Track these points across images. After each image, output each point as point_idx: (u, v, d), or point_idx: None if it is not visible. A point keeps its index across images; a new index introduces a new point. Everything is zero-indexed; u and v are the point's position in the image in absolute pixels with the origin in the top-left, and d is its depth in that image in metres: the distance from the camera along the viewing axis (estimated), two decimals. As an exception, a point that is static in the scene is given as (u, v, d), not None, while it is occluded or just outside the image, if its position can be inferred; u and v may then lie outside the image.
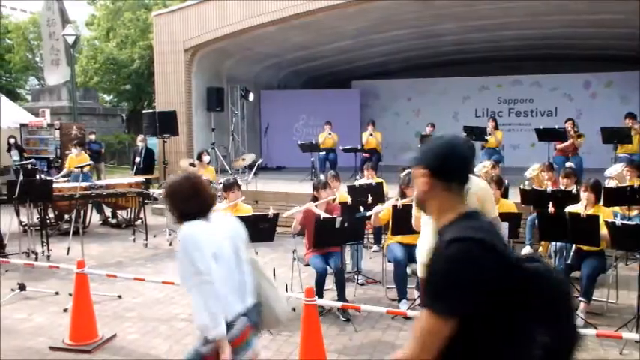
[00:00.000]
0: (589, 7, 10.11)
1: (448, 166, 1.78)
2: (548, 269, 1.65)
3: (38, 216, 8.25)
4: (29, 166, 9.81)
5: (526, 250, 7.47)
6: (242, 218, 5.23)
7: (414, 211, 3.90)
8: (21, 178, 6.93)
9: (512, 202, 6.57)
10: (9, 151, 12.67)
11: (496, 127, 10.78)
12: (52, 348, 4.55)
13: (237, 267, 2.72)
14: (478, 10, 10.75)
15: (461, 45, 13.98)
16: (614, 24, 10.89)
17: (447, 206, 1.78)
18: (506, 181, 6.98)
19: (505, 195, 6.88)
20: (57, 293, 5.94)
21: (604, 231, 4.82)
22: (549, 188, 6.75)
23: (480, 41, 13.64)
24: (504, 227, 4.60)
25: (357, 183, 7.96)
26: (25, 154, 12.66)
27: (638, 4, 8.90)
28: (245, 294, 2.71)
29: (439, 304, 1.57)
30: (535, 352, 1.56)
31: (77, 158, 10.05)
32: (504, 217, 4.91)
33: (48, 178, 8.92)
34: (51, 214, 9.30)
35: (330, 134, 12.01)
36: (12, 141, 12.76)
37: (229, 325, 2.54)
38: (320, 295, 5.07)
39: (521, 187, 7.23)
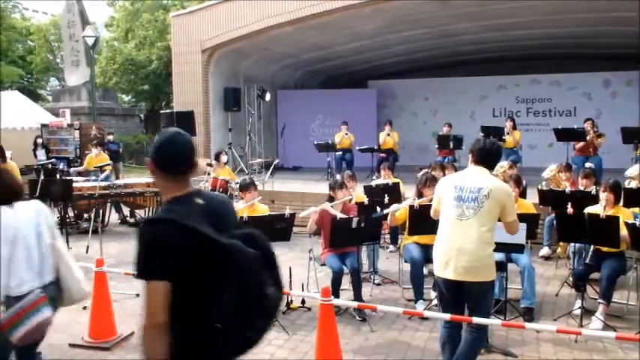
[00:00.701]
0: (610, 6, 9.97)
1: (165, 159, 2.08)
2: (240, 246, 1.95)
3: (58, 215, 8.36)
4: (50, 166, 9.96)
5: (544, 251, 7.40)
6: (259, 218, 5.30)
7: (434, 202, 3.90)
8: (42, 177, 7.04)
9: (531, 202, 6.50)
10: (35, 150, 12.92)
11: (514, 127, 10.69)
12: (71, 345, 4.61)
13: (38, 249, 3.11)
14: (495, 9, 10.67)
15: (478, 44, 13.89)
16: (633, 22, 10.72)
17: (166, 191, 2.10)
18: (524, 182, 6.91)
19: (523, 195, 6.81)
20: (76, 291, 6.02)
21: (624, 232, 4.75)
22: (568, 189, 6.67)
23: (497, 40, 13.53)
24: (522, 228, 4.56)
25: (373, 183, 7.94)
26: (51, 154, 12.91)
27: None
28: (44, 272, 3.13)
29: (142, 272, 1.94)
30: (225, 307, 1.91)
31: (97, 158, 10.16)
32: (522, 217, 4.86)
33: (68, 178, 9.06)
34: (70, 213, 9.43)
35: (346, 134, 12.00)
36: (39, 141, 13.01)
37: (24, 295, 2.98)
38: (336, 295, 5.07)
39: (539, 187, 7.16)
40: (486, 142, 3.71)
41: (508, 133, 10.50)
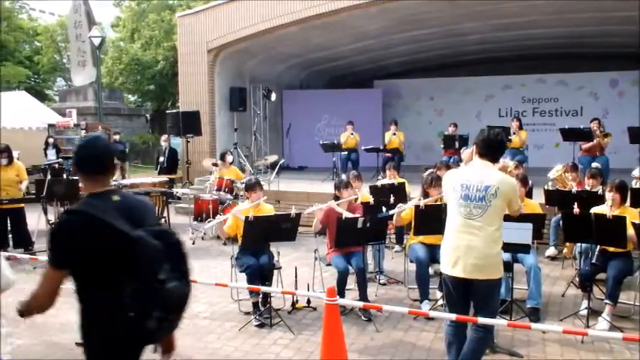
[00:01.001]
0: (616, 5, 9.91)
1: (82, 161, 2.35)
2: (144, 237, 2.15)
3: (65, 214, 8.39)
4: (57, 166, 10.01)
5: (550, 251, 7.38)
6: (264, 218, 5.31)
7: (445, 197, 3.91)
8: (48, 177, 7.07)
9: (537, 202, 6.47)
10: (46, 149, 13.02)
11: (520, 127, 10.65)
12: (78, 344, 4.62)
13: None
14: (502, 8, 10.63)
15: (484, 44, 13.85)
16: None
17: (86, 188, 2.37)
18: (530, 182, 6.90)
19: (529, 195, 6.80)
20: (83, 290, 6.05)
21: (631, 232, 4.73)
22: (574, 189, 6.64)
23: (503, 40, 13.49)
24: (528, 228, 4.55)
25: (379, 183, 7.94)
26: (61, 154, 13.03)
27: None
28: None
29: (50, 258, 2.19)
30: (126, 293, 2.11)
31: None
32: (528, 217, 4.86)
33: (74, 178, 9.09)
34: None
35: (352, 134, 11.99)
36: (50, 140, 13.10)
37: None
38: (342, 294, 5.08)
39: (546, 187, 7.14)
40: (490, 133, 3.69)
41: (514, 133, 10.46)
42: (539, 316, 5.08)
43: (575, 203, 5.94)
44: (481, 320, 3.50)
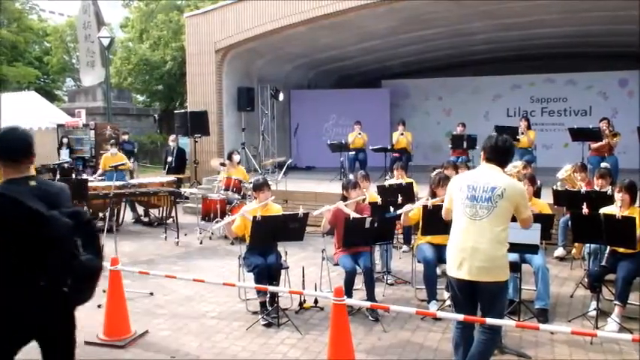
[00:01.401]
0: (625, 3, 9.84)
1: (1, 149, 2.62)
2: (57, 216, 2.46)
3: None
4: (66, 166, 10.08)
5: (559, 251, 7.34)
6: (272, 217, 5.32)
7: (445, 201, 3.88)
8: (57, 176, 7.12)
9: (545, 202, 6.44)
10: (60, 149, 13.14)
11: (528, 127, 10.59)
12: (86, 342, 4.67)
13: None
14: (511, 7, 10.58)
15: (492, 43, 13.80)
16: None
17: (5, 174, 2.63)
18: (538, 182, 6.87)
19: (537, 195, 6.77)
20: (92, 289, 6.09)
21: (640, 233, 4.70)
22: (583, 189, 6.61)
23: (512, 39, 13.43)
24: (537, 228, 4.53)
25: (386, 183, 7.93)
26: (74, 154, 13.18)
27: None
28: None
29: None
30: (46, 267, 2.45)
31: (113, 157, 10.25)
32: (537, 217, 4.83)
33: (83, 177, 9.16)
34: (86, 212, 9.52)
35: (359, 134, 11.98)
36: (65, 140, 13.22)
37: None
38: (349, 294, 5.08)
39: (554, 187, 7.10)
40: (499, 140, 3.67)
41: (522, 133, 10.41)
42: (547, 317, 5.06)
43: (584, 203, 5.91)
44: (489, 321, 3.48)
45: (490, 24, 11.84)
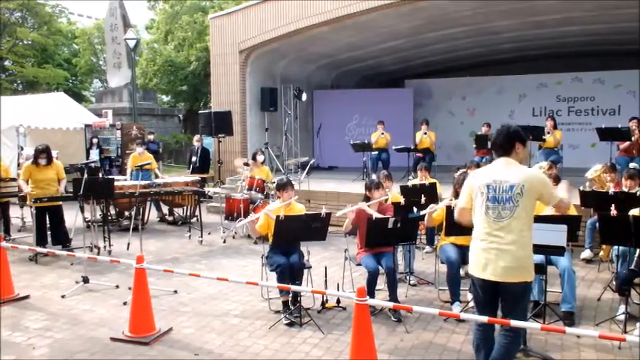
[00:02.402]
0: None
1: None
2: None
3: (100, 212, 8.61)
4: (93, 165, 10.25)
5: (586, 254, 7.21)
6: (295, 217, 5.34)
7: (460, 201, 3.83)
8: (85, 176, 7.25)
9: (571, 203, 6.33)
10: (89, 149, 13.40)
11: (555, 127, 10.42)
12: (112, 339, 4.75)
13: None
14: (538, 5, 10.42)
15: (518, 42, 13.62)
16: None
17: None
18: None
19: (564, 196, 6.64)
20: (117, 287, 6.19)
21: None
22: (611, 190, 6.47)
23: (538, 38, 13.23)
24: (563, 229, 4.45)
25: (410, 183, 7.89)
26: (103, 154, 13.44)
27: None
28: None
29: None
30: None
31: (140, 157, 10.39)
32: (563, 219, 4.76)
33: (109, 177, 9.30)
34: (112, 211, 9.69)
35: (382, 134, 11.95)
36: (95, 140, 13.49)
37: None
38: (371, 295, 5.07)
39: (581, 188, 6.97)
40: (499, 130, 3.68)
41: (548, 133, 10.26)
42: (573, 320, 4.97)
43: (612, 205, 5.79)
44: (513, 323, 3.44)
45: (516, 22, 11.68)
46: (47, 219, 7.88)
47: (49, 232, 7.98)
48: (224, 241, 8.75)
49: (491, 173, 3.61)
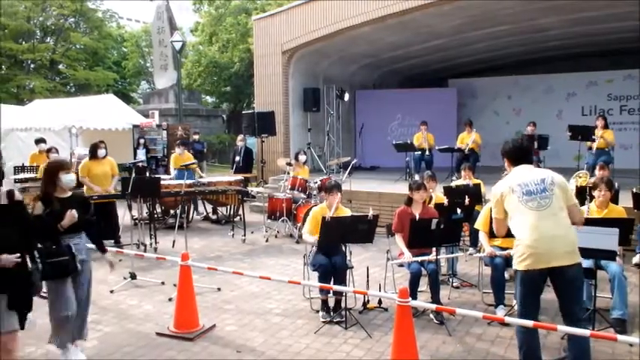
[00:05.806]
0: None
1: None
2: None
3: (147, 210, 8.84)
4: (140, 165, 10.53)
5: (638, 259, 6.94)
6: (341, 219, 5.32)
7: (494, 213, 3.90)
8: (133, 175, 7.46)
9: (622, 206, 6.09)
10: (137, 148, 13.81)
11: (605, 126, 10.06)
12: (158, 334, 4.87)
13: None
14: (585, 1, 10.09)
15: (565, 39, 13.22)
16: None
17: None
18: (616, 184, 6.51)
19: (615, 200, 6.41)
20: (163, 283, 6.35)
21: None
22: (667, 192, 6.21)
23: (586, 34, 12.80)
24: (614, 233, 4.31)
25: (453, 184, 7.78)
26: (150, 154, 13.83)
27: None
28: None
29: None
30: None
31: (181, 157, 10.62)
32: (614, 222, 4.60)
33: (156, 176, 9.54)
34: (158, 209, 9.93)
35: (426, 133, 11.81)
36: (142, 141, 13.89)
37: None
38: (414, 296, 5.02)
39: (635, 190, 6.71)
40: (515, 141, 4.00)
41: (594, 137, 9.89)
42: (625, 328, 4.79)
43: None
44: (560, 328, 3.36)
45: (564, 19, 11.34)
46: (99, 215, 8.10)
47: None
48: (266, 240, 8.85)
49: (516, 177, 3.79)
